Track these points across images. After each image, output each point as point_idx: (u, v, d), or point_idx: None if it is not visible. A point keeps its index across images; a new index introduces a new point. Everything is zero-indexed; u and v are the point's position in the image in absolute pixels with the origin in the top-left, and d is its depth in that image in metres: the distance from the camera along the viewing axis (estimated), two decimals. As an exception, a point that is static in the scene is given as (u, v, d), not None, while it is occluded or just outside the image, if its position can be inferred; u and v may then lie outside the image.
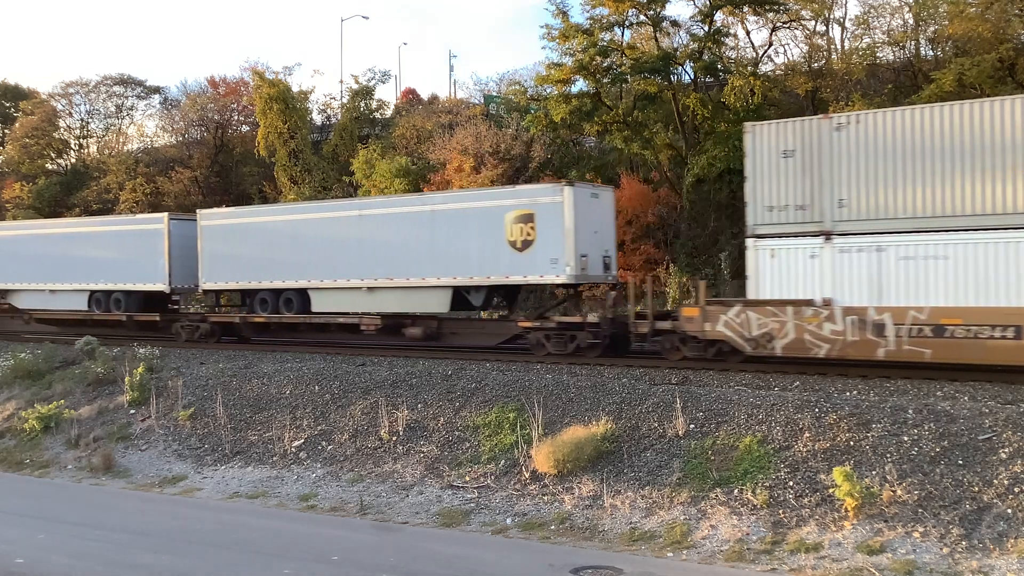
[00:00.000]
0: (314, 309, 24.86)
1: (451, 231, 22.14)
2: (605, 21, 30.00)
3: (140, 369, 22.92)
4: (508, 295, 23.39)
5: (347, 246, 24.04)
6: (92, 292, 29.22)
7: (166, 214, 28.40)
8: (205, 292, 27.59)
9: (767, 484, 14.10)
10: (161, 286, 27.65)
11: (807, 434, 14.82)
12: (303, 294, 25.03)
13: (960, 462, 13.45)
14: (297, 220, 25.44)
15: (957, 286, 15.84)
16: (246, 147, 43.59)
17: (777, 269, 17.67)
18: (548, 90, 31.29)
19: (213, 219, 27.04)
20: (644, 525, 14.14)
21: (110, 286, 28.84)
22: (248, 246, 26.00)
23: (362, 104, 42.38)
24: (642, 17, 30.18)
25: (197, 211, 27.69)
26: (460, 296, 22.50)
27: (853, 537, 12.74)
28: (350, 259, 23.91)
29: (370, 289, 23.63)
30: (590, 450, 15.78)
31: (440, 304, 22.66)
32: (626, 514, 14.51)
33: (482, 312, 24.63)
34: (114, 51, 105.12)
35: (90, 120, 52.05)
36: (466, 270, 21.88)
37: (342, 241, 24.15)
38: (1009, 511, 12.42)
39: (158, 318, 28.19)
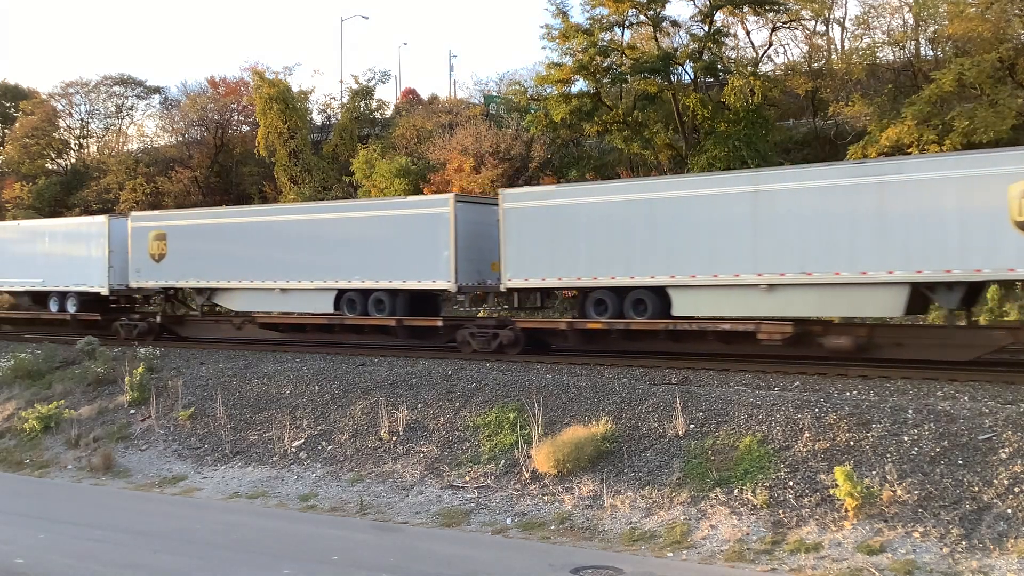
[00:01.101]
0: (676, 312, 19.76)
1: (913, 209, 17.12)
2: (605, 21, 30.03)
3: (140, 369, 22.92)
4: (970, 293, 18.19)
5: (735, 231, 18.91)
6: (342, 291, 23.99)
7: (451, 195, 23.10)
8: (508, 291, 22.24)
9: (767, 484, 14.10)
10: (443, 283, 22.28)
11: (807, 434, 14.82)
12: (660, 293, 19.98)
13: (960, 462, 13.45)
14: (658, 199, 20.09)
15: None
16: (246, 147, 43.58)
17: None
18: (548, 90, 31.31)
19: (526, 200, 21.82)
20: (644, 525, 14.14)
21: (369, 284, 23.44)
22: (579, 233, 20.76)
23: (362, 104, 42.38)
24: (642, 17, 30.21)
25: (500, 191, 22.84)
26: (917, 294, 17.77)
27: (853, 537, 12.73)
28: (739, 247, 18.85)
29: (770, 287, 18.64)
30: (590, 450, 15.78)
31: (888, 306, 17.91)
32: (626, 514, 14.51)
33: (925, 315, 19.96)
34: (114, 51, 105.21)
35: (90, 120, 52.09)
36: (937, 261, 16.85)
37: (727, 224, 19.00)
38: (1009, 511, 12.42)
39: (440, 323, 23.07)
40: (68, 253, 29.83)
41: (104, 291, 28.68)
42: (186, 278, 27.26)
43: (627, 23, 30.77)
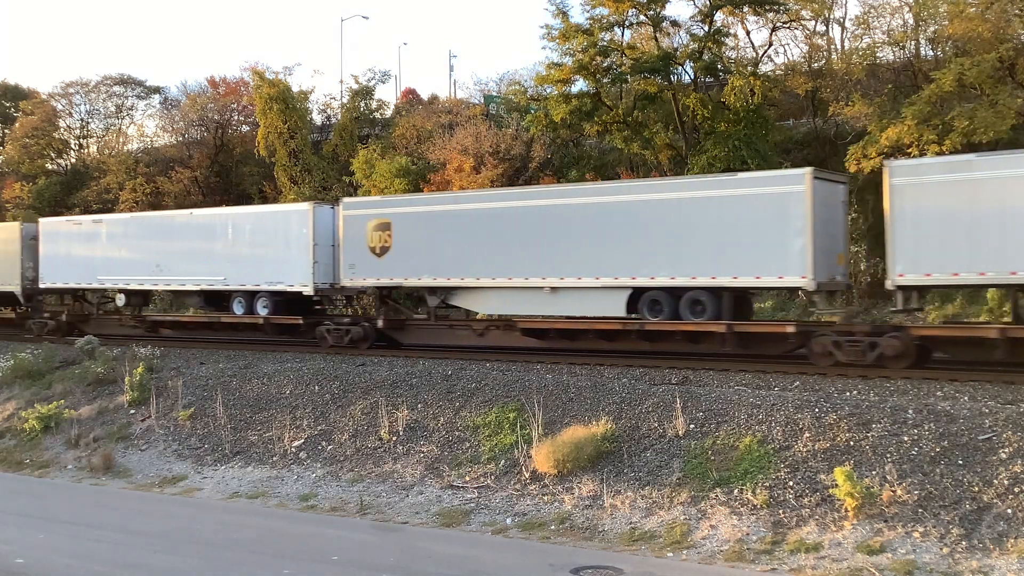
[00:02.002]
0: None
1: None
2: (605, 21, 29.98)
3: (140, 369, 22.92)
4: None
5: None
6: (640, 290, 20.12)
7: (808, 170, 18.81)
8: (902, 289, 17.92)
9: (767, 484, 14.10)
10: (795, 280, 18.43)
11: (807, 434, 14.83)
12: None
13: (960, 462, 13.45)
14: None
15: None
16: (246, 147, 43.53)
17: None
18: (548, 90, 31.27)
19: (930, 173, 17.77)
20: (644, 525, 14.14)
21: (683, 280, 19.48)
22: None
23: (362, 104, 42.32)
24: (642, 17, 30.16)
25: (886, 163, 18.63)
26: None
27: (853, 537, 12.73)
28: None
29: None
30: (590, 450, 15.78)
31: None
32: (626, 514, 14.51)
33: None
34: (114, 51, 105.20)
35: (90, 120, 52.02)
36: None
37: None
38: (1009, 511, 12.42)
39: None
40: (259, 246, 25.39)
41: (308, 290, 24.32)
42: (417, 275, 22.87)
43: (627, 23, 30.73)
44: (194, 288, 27.10)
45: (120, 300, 28.70)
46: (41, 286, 30.44)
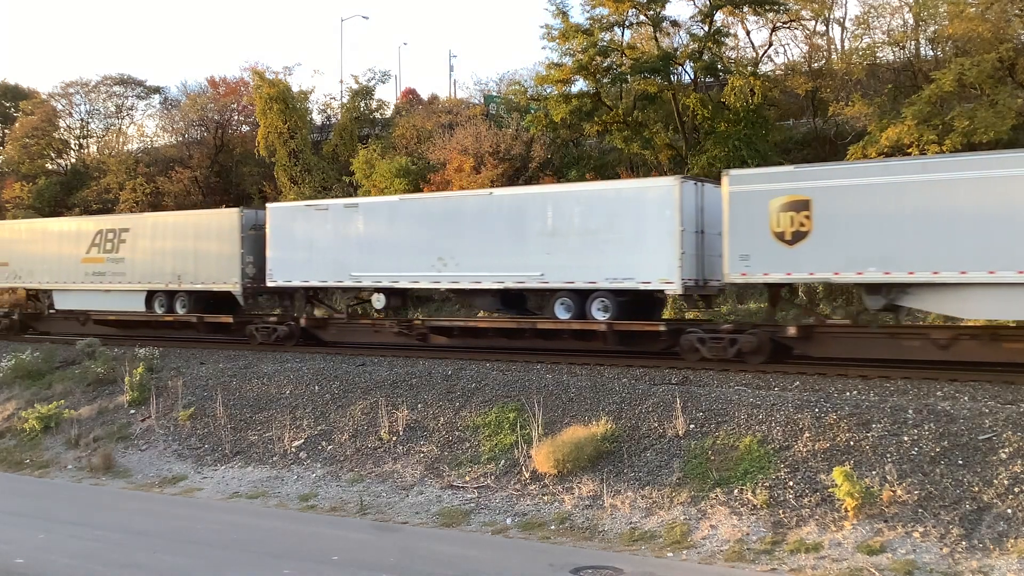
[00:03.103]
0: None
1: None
2: (605, 21, 30.00)
3: (140, 369, 22.92)
4: None
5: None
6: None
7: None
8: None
9: (767, 484, 14.10)
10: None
11: (807, 434, 14.83)
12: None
13: (960, 462, 13.45)
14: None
15: None
16: (246, 147, 43.52)
17: None
18: (548, 90, 31.29)
19: None
20: (644, 525, 14.14)
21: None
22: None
23: (362, 104, 42.32)
24: (642, 17, 30.19)
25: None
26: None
27: (853, 537, 12.73)
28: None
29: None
30: (590, 450, 15.78)
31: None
32: (626, 514, 14.51)
33: None
34: (114, 51, 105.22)
35: (90, 120, 51.99)
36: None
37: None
38: (1009, 511, 12.42)
39: None
40: (597, 233, 20.60)
41: (673, 288, 19.73)
42: (854, 267, 17.67)
43: (627, 23, 30.75)
44: (493, 287, 21.93)
45: (379, 301, 24.03)
46: (269, 284, 25.68)
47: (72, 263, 29.66)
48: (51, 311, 31.15)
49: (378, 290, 23.99)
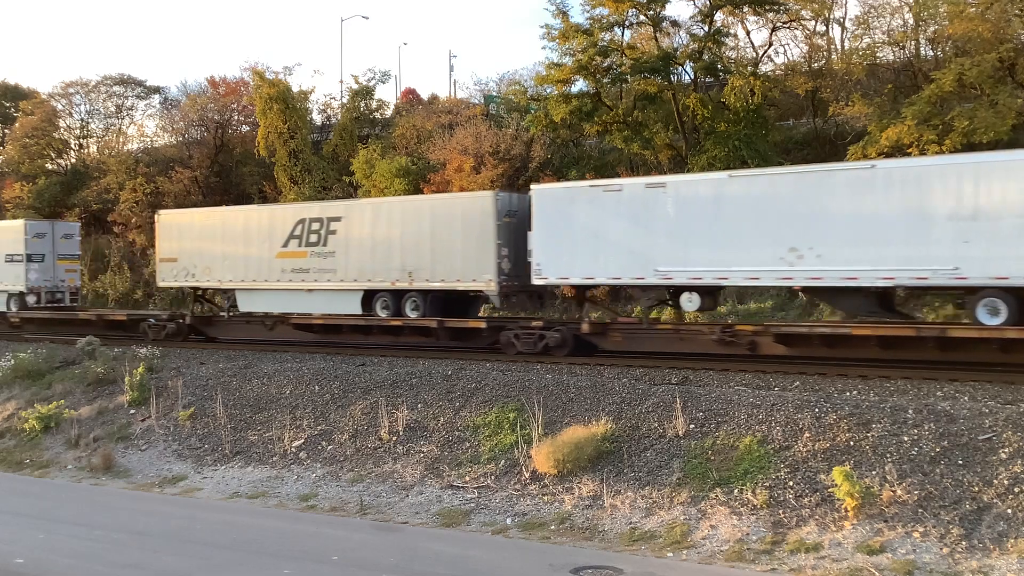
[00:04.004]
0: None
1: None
2: (605, 21, 29.99)
3: (140, 369, 22.92)
4: None
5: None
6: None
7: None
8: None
9: (767, 484, 14.10)
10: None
11: (807, 434, 14.83)
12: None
13: (960, 462, 13.45)
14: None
15: None
16: (246, 147, 43.51)
17: None
18: (548, 90, 31.27)
19: None
20: (644, 525, 14.14)
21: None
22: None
23: (362, 104, 42.30)
24: (642, 17, 30.17)
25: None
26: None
27: (853, 537, 12.74)
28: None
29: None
30: (590, 450, 15.78)
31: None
32: (626, 514, 14.51)
33: None
34: (114, 51, 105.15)
35: (90, 120, 51.94)
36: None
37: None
38: (1009, 511, 12.42)
39: None
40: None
41: None
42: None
43: (627, 23, 30.73)
44: (870, 285, 17.96)
45: (691, 303, 20.05)
46: (536, 281, 21.49)
47: (263, 258, 25.67)
48: (231, 314, 27.15)
49: (691, 289, 19.86)
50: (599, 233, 20.50)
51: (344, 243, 24.24)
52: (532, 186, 22.30)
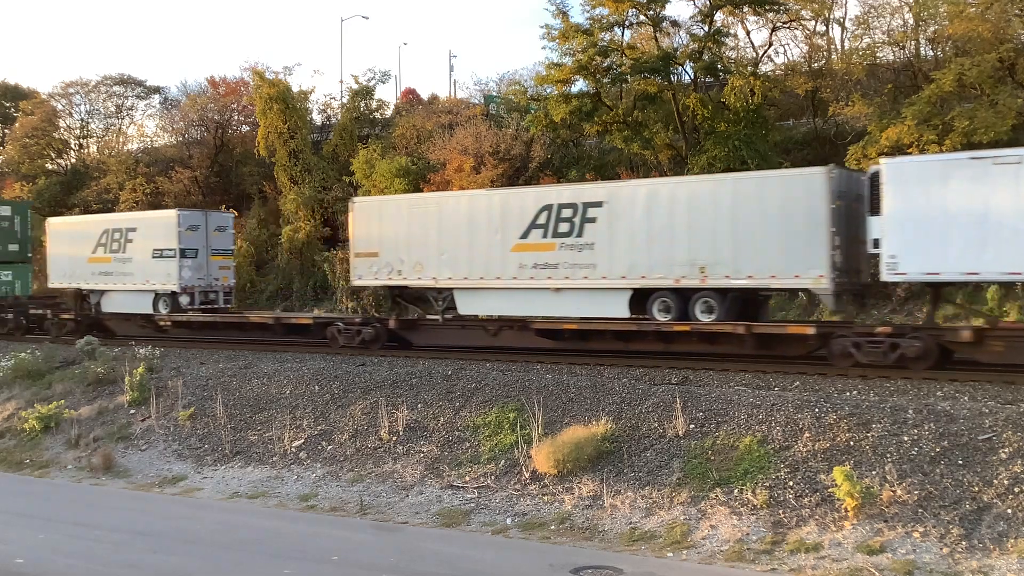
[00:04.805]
0: None
1: None
2: (605, 21, 30.03)
3: (140, 369, 22.91)
4: None
5: None
6: None
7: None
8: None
9: (767, 484, 14.10)
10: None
11: (807, 434, 14.82)
12: None
13: (960, 462, 13.45)
14: None
15: None
16: (246, 147, 43.53)
17: None
18: (548, 90, 31.30)
19: None
20: (644, 525, 14.14)
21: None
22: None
23: (362, 104, 42.33)
24: (642, 17, 30.21)
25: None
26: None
27: (853, 537, 12.74)
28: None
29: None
30: (590, 450, 15.78)
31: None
32: (626, 514, 14.51)
33: None
34: (114, 51, 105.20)
35: (90, 120, 52.01)
36: None
37: None
38: (1009, 511, 12.42)
39: None
40: None
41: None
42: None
43: (627, 23, 30.77)
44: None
45: None
46: (889, 277, 17.71)
47: (494, 252, 21.84)
48: (445, 317, 23.27)
49: None
50: (987, 216, 16.62)
51: (607, 233, 20.31)
52: (881, 160, 18.41)
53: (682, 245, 19.48)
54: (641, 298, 20.14)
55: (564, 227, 20.89)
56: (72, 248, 30.14)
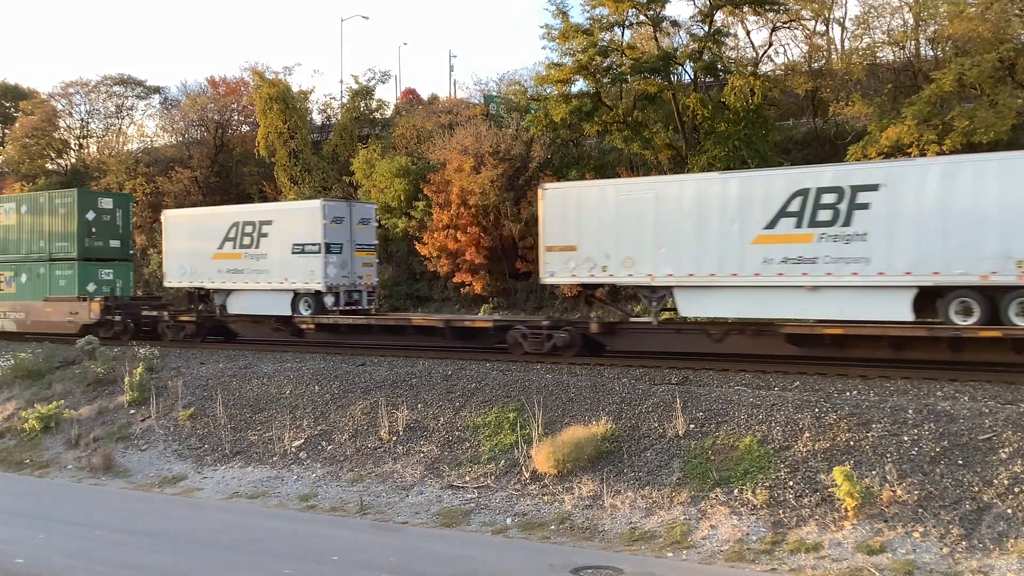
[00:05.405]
0: None
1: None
2: (605, 21, 30.01)
3: (140, 369, 22.91)
4: None
5: None
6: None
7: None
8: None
9: (767, 484, 14.10)
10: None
11: (807, 434, 14.82)
12: None
13: (960, 462, 13.45)
14: None
15: None
16: (246, 147, 43.55)
17: None
18: (548, 90, 31.29)
19: None
20: (644, 525, 14.14)
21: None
22: None
23: (362, 104, 42.33)
24: (642, 17, 30.19)
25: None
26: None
27: (853, 537, 12.73)
28: None
29: None
30: (590, 450, 15.78)
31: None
32: (626, 514, 14.50)
33: None
34: (114, 51, 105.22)
35: (90, 120, 51.98)
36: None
37: None
38: (1009, 511, 12.42)
39: None
40: None
41: None
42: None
43: (627, 23, 30.75)
44: None
45: None
46: None
47: (729, 244, 19.08)
48: (658, 320, 20.65)
49: None
50: None
51: (884, 221, 17.59)
52: None
53: (992, 234, 16.55)
54: (927, 297, 17.45)
55: (825, 215, 18.02)
56: (194, 243, 27.33)
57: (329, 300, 24.97)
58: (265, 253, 25.72)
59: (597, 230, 20.64)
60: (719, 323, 20.23)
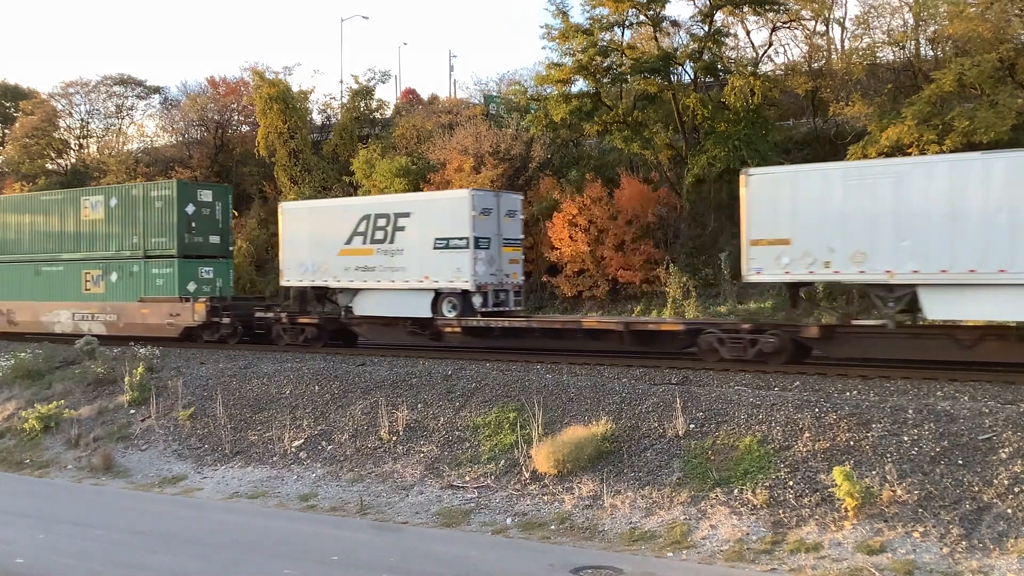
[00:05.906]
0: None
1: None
2: (605, 21, 29.99)
3: (140, 369, 22.91)
4: None
5: None
6: None
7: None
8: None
9: (767, 484, 14.10)
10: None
11: (807, 434, 14.82)
12: None
13: (960, 462, 13.45)
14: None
15: None
16: (246, 147, 43.54)
17: None
18: (548, 90, 31.27)
19: None
20: (644, 525, 14.14)
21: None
22: None
23: (362, 104, 42.32)
24: (642, 17, 30.17)
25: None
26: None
27: (853, 537, 12.73)
28: None
29: None
30: (590, 450, 15.78)
31: None
32: (626, 514, 14.50)
33: None
34: (114, 51, 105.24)
35: (90, 120, 51.98)
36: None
37: None
38: (1009, 511, 12.42)
39: None
40: None
41: None
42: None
43: (627, 23, 30.73)
44: None
45: None
46: None
47: (993, 237, 16.55)
48: (893, 322, 17.94)
49: None
50: None
51: None
52: None
53: None
54: None
55: None
56: (316, 238, 25.05)
57: (477, 300, 22.60)
58: (401, 248, 23.32)
59: (818, 221, 18.13)
60: (968, 326, 17.84)
